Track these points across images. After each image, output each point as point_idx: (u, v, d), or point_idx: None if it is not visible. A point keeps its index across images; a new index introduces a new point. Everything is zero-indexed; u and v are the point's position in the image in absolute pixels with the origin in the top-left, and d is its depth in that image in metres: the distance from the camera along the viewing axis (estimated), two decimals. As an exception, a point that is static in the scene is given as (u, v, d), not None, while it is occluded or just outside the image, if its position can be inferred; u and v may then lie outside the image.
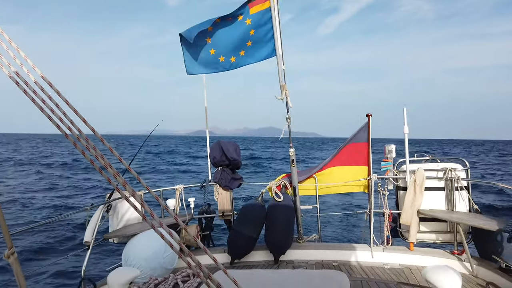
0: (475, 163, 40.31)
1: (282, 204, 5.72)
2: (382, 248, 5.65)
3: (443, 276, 2.40)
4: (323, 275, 2.87)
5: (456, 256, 5.29)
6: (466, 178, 5.59)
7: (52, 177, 25.18)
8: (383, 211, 5.88)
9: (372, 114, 6.33)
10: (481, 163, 42.86)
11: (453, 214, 5.30)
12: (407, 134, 5.83)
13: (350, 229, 11.26)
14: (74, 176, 26.31)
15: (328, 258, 5.65)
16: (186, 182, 7.51)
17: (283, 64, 5.57)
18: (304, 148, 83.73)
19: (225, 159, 6.20)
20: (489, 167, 37.12)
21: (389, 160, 6.19)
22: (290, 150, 5.97)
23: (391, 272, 5.04)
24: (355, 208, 11.60)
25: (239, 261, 5.66)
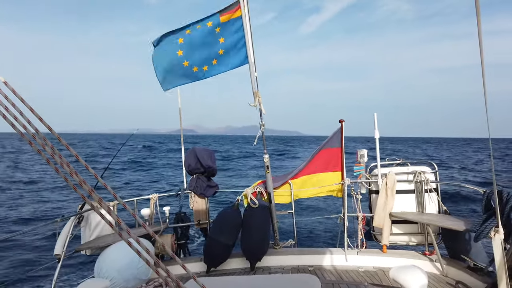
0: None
1: (258, 210, 5.73)
2: (356, 251, 5.74)
3: (409, 276, 2.48)
4: (295, 279, 2.90)
5: (427, 257, 5.44)
6: (435, 181, 5.78)
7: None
8: (357, 214, 5.99)
9: (344, 120, 6.47)
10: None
11: (423, 216, 5.46)
12: (378, 139, 5.97)
13: (326, 233, 11.39)
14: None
15: (304, 263, 5.70)
16: (163, 190, 7.41)
17: (255, 72, 5.63)
18: (288, 146, 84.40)
19: (200, 166, 6.17)
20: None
21: (361, 164, 6.32)
22: (265, 157, 6.01)
23: (365, 275, 5.13)
24: (329, 212, 11.76)
25: (215, 269, 5.63)
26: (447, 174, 30.19)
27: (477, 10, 1.52)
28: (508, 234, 3.92)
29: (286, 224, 6.81)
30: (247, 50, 5.58)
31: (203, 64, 5.71)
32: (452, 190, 17.36)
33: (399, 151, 59.68)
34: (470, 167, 37.48)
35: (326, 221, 12.11)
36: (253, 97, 5.67)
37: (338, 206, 6.85)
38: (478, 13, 1.53)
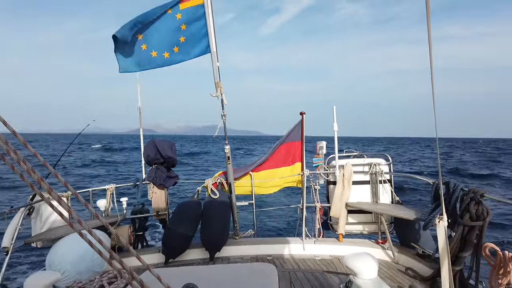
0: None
1: (218, 201, 5.73)
2: (313, 240, 5.90)
3: (360, 262, 2.58)
4: (252, 268, 2.94)
5: (380, 245, 5.69)
6: (389, 172, 6.04)
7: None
8: (315, 205, 6.15)
9: (305, 112, 6.58)
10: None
11: (377, 206, 5.69)
12: (336, 131, 6.13)
13: (285, 223, 11.62)
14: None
15: (263, 252, 5.78)
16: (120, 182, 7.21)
17: (217, 61, 5.58)
18: (249, 145, 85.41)
19: (159, 157, 6.06)
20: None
21: (320, 156, 6.48)
22: (226, 147, 6.00)
23: (321, 263, 5.29)
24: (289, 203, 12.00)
25: (174, 261, 5.58)
26: (398, 168, 31.85)
27: (427, 16, 1.60)
28: (454, 222, 4.18)
29: (247, 215, 6.88)
30: (209, 39, 5.51)
31: (163, 50, 5.56)
32: (402, 181, 18.17)
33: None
34: (420, 163, 39.62)
35: (285, 212, 12.35)
36: (215, 87, 5.63)
37: (298, 197, 6.99)
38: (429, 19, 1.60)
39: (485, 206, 3.87)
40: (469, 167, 35.88)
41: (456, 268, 4.01)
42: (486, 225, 3.87)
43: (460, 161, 43.90)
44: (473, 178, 27.63)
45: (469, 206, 3.92)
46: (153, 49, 5.55)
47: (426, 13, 1.56)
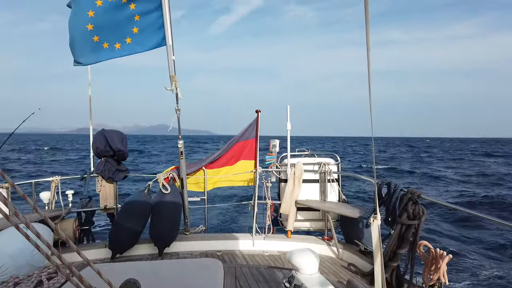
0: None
1: (169, 196, 5.67)
2: (263, 236, 6.01)
3: (302, 258, 2.69)
4: (198, 263, 2.96)
5: (325, 242, 5.91)
6: (337, 172, 6.28)
7: None
8: (266, 202, 6.26)
9: (260, 110, 6.66)
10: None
11: (325, 204, 5.91)
12: (289, 130, 6.28)
13: (236, 219, 11.72)
14: None
15: (213, 248, 5.81)
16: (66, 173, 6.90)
17: (173, 55, 5.50)
18: (199, 144, 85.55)
19: (109, 149, 5.88)
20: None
21: (273, 154, 6.60)
22: (179, 142, 5.94)
23: (269, 259, 5.41)
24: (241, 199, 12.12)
25: (121, 256, 5.46)
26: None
27: (366, 21, 1.70)
28: (393, 220, 4.45)
29: (198, 210, 6.87)
30: (165, 32, 5.41)
31: (114, 41, 5.38)
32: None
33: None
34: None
35: (237, 208, 12.44)
36: (170, 81, 5.55)
37: (249, 193, 7.09)
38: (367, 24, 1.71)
39: (421, 206, 4.15)
40: (395, 165, 38.94)
41: (394, 264, 4.27)
42: (422, 224, 4.16)
43: (392, 159, 47.20)
44: (401, 175, 29.92)
45: (407, 206, 4.18)
46: (105, 41, 5.36)
47: (365, 19, 1.66)
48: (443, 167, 38.74)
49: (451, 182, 25.98)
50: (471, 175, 30.43)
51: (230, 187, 6.96)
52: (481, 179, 27.66)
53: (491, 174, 30.09)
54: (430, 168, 36.49)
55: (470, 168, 37.49)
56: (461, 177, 29.08)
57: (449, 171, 33.69)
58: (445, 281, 3.62)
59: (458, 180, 27.09)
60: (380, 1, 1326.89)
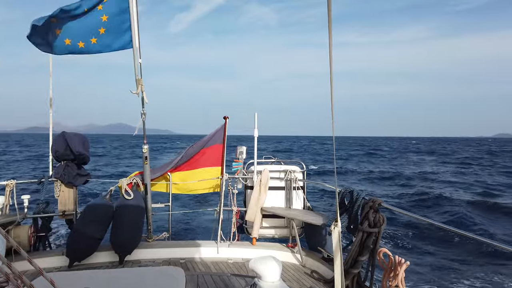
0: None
1: (132, 202, 5.53)
2: (228, 244, 5.97)
3: (264, 265, 2.69)
4: (159, 272, 2.90)
5: (289, 249, 5.95)
6: (302, 179, 6.36)
7: None
8: (232, 208, 6.23)
9: (229, 117, 6.65)
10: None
11: (290, 211, 5.96)
12: (256, 138, 6.31)
13: (201, 226, 11.59)
14: None
15: (176, 256, 5.70)
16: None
17: (139, 58, 5.41)
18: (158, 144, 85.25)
19: (69, 153, 5.67)
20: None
21: (240, 161, 6.59)
22: (144, 147, 5.82)
23: (233, 266, 5.38)
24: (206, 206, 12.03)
25: (79, 264, 5.25)
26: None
27: (329, 22, 1.73)
28: (355, 228, 4.55)
29: (162, 217, 6.74)
30: (132, 34, 5.32)
31: (78, 39, 5.23)
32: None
33: (264, 149, 66.98)
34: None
35: (202, 215, 12.30)
36: (136, 84, 5.44)
37: (215, 200, 7.04)
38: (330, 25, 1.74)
39: (382, 214, 4.26)
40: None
41: (355, 271, 4.35)
42: (382, 232, 4.27)
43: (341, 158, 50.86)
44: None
45: (368, 214, 4.29)
46: (67, 37, 5.19)
47: (328, 20, 1.70)
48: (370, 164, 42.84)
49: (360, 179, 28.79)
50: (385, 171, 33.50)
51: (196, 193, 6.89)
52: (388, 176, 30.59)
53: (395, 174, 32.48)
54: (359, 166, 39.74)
55: (395, 165, 41.47)
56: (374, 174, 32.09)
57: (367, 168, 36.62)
58: (402, 287, 3.73)
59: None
60: (335, 4, 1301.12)
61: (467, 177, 30.63)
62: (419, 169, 36.69)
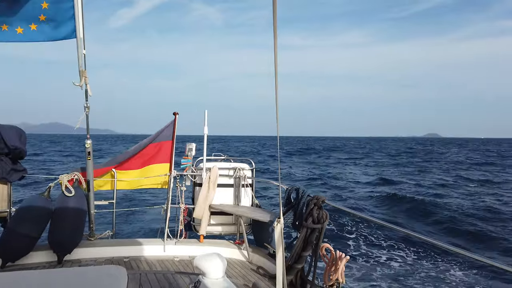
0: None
1: (73, 199, 5.28)
2: (174, 241, 5.90)
3: (208, 262, 2.71)
4: (99, 271, 2.81)
5: (237, 246, 6.00)
6: (251, 177, 6.43)
7: None
8: (180, 206, 6.16)
9: (178, 113, 6.55)
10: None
11: (238, 208, 6.01)
12: (206, 135, 6.29)
13: (148, 224, 11.33)
14: None
15: (120, 254, 5.53)
16: None
17: (83, 49, 5.17)
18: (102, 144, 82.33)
19: (4, 146, 5.29)
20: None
21: (189, 157, 6.53)
22: (87, 142, 5.58)
23: (180, 264, 5.32)
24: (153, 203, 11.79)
25: (13, 264, 4.93)
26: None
27: (274, 24, 1.78)
28: (300, 224, 4.69)
29: (106, 214, 6.51)
30: (76, 24, 5.06)
31: (16, 25, 4.89)
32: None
33: (214, 148, 68.33)
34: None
35: (148, 212, 12.01)
36: (79, 76, 5.20)
37: (162, 197, 6.92)
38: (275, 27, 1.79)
39: (325, 211, 4.44)
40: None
41: (299, 266, 4.50)
42: (325, 228, 4.45)
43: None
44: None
45: (312, 210, 4.45)
46: (4, 23, 4.84)
47: (273, 21, 1.74)
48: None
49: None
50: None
51: (142, 190, 6.73)
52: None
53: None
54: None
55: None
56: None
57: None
58: (342, 281, 3.92)
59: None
60: (280, 7, 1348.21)
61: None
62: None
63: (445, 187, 25.11)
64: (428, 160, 51.89)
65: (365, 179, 29.62)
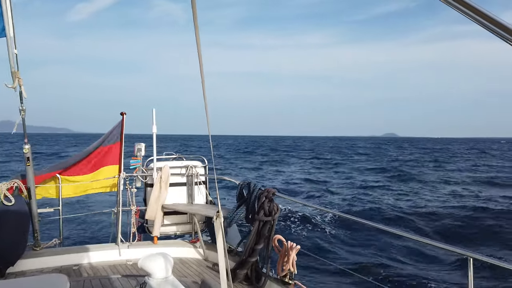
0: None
1: (13, 208, 4.98)
2: (127, 245, 5.73)
3: (153, 263, 2.65)
4: (38, 281, 2.67)
5: (192, 244, 5.93)
6: (204, 174, 6.37)
7: None
8: (131, 208, 5.98)
9: (126, 112, 6.35)
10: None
11: (192, 207, 5.94)
12: (155, 134, 6.14)
13: (99, 229, 10.92)
14: None
15: (69, 263, 5.29)
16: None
17: (15, 48, 4.85)
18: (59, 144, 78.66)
19: None
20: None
21: (138, 158, 6.35)
22: (25, 147, 5.26)
23: (132, 267, 5.18)
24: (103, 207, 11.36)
25: None
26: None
27: (195, 21, 1.75)
28: (253, 218, 4.71)
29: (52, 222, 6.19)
30: (5, 22, 4.73)
31: None
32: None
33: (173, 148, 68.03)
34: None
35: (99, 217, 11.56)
36: (12, 77, 4.88)
37: (112, 200, 6.69)
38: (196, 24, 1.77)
39: (276, 203, 4.49)
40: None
41: (252, 260, 4.53)
42: (276, 220, 4.51)
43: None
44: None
45: (264, 204, 4.49)
46: None
47: (193, 19, 1.72)
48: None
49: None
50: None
51: (91, 194, 6.46)
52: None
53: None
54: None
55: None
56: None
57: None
58: (294, 270, 3.99)
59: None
60: (240, 7, 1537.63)
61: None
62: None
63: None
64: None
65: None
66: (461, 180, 28.93)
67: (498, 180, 28.46)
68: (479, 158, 55.64)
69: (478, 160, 52.28)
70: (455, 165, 43.10)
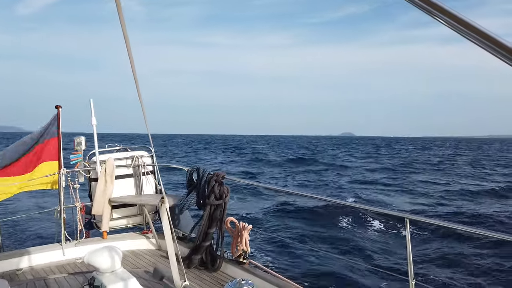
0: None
1: None
2: (75, 243, 5.49)
3: (99, 257, 2.57)
4: None
5: (144, 235, 5.81)
6: (151, 164, 6.21)
7: None
8: (75, 205, 5.71)
9: (61, 106, 5.97)
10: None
11: (141, 198, 5.78)
12: (95, 126, 5.87)
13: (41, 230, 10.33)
14: None
15: (11, 267, 4.97)
16: None
17: None
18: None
19: None
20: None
21: (79, 152, 6.04)
22: None
23: (82, 265, 4.98)
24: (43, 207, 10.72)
25: None
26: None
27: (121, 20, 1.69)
28: (204, 203, 4.70)
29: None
30: None
31: None
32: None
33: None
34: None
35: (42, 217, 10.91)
36: None
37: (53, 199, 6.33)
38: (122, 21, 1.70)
39: (226, 186, 4.51)
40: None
41: (206, 244, 4.54)
42: (227, 203, 4.53)
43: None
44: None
45: (214, 187, 4.49)
46: None
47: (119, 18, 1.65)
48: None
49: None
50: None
51: (27, 196, 6.07)
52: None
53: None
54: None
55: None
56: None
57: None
58: (248, 249, 4.06)
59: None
60: (205, 5, 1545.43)
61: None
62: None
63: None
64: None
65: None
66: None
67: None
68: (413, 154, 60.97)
69: (416, 156, 56.80)
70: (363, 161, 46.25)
